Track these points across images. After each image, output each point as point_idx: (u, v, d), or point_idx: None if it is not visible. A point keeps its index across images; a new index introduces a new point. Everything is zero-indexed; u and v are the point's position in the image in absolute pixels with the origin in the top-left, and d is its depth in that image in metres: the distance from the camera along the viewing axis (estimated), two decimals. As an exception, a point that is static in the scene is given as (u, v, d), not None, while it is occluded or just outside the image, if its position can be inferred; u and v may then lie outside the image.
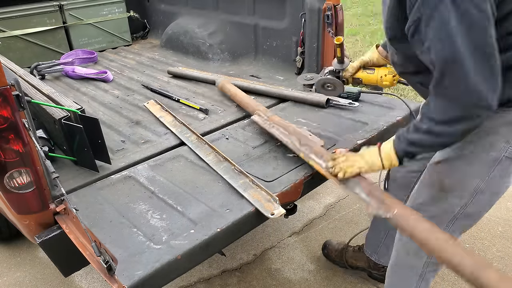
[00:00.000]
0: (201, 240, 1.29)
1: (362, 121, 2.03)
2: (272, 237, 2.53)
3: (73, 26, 3.49)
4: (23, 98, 1.29)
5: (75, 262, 1.48)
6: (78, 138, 1.62)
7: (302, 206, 2.78)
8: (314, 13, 2.42)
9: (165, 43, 3.64)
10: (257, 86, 2.45)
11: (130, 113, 2.31)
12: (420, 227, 1.22)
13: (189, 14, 3.54)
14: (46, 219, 1.45)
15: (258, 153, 1.81)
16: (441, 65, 1.13)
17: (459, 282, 2.16)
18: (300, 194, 1.63)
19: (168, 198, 1.51)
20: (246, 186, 1.53)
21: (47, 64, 3.02)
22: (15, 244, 2.52)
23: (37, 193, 1.39)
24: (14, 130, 1.27)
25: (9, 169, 1.31)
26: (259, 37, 2.98)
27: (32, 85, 1.91)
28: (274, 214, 1.38)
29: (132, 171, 1.70)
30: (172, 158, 1.79)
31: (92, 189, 1.59)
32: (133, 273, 1.16)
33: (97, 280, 2.24)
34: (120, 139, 1.99)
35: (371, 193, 1.39)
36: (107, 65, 3.27)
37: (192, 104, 2.34)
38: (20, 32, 3.21)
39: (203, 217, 1.39)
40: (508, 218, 2.62)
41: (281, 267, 2.30)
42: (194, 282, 2.22)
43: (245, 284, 2.19)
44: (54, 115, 1.65)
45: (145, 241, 1.29)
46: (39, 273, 2.31)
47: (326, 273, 2.25)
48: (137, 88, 2.70)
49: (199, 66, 3.09)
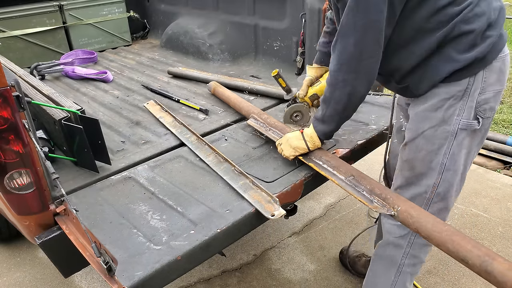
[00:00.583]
0: (201, 240, 1.29)
1: (362, 121, 2.03)
2: (272, 237, 2.53)
3: (73, 26, 3.49)
4: (23, 98, 1.29)
5: (75, 263, 1.48)
6: (78, 138, 1.62)
7: (302, 206, 2.78)
8: (314, 13, 2.42)
9: (165, 43, 3.64)
10: (257, 86, 2.45)
11: (130, 113, 2.31)
12: (424, 221, 1.25)
13: (189, 14, 3.54)
14: (46, 220, 1.45)
15: (258, 153, 1.81)
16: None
17: (459, 282, 2.16)
18: (300, 195, 1.63)
19: (168, 199, 1.51)
20: (246, 187, 1.53)
21: (47, 65, 3.02)
22: (15, 245, 2.52)
23: (37, 194, 1.38)
24: (14, 131, 1.27)
25: (9, 170, 1.31)
26: (259, 38, 2.98)
27: (32, 86, 1.91)
28: (275, 215, 1.38)
29: (132, 172, 1.70)
30: (172, 159, 1.79)
31: (92, 190, 1.59)
32: (133, 274, 1.16)
33: (97, 280, 2.24)
34: (120, 140, 1.99)
35: (373, 191, 1.40)
36: (107, 65, 3.26)
37: (192, 104, 2.34)
38: (20, 32, 3.21)
39: (203, 218, 1.39)
40: (508, 219, 2.62)
41: (281, 268, 2.30)
42: (194, 282, 2.22)
43: (245, 284, 2.19)
44: (54, 115, 1.65)
45: (145, 242, 1.29)
46: (39, 274, 2.31)
47: (326, 273, 2.25)
48: (137, 89, 2.70)
49: (199, 66, 3.09)
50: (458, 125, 1.37)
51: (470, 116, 1.36)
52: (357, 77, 1.39)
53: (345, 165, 1.56)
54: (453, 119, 1.37)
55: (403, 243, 1.61)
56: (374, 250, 1.77)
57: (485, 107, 1.36)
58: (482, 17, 1.28)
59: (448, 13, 1.28)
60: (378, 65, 1.37)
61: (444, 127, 1.39)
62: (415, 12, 1.30)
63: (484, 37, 1.29)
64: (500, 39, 1.33)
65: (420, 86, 1.40)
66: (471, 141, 1.42)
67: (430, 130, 1.41)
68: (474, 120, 1.37)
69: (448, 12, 1.28)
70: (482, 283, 2.14)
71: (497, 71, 1.34)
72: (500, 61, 1.34)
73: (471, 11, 1.27)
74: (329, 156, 1.62)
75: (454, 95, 1.35)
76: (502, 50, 1.34)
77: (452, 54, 1.31)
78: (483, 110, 1.36)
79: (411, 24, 1.33)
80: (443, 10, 1.28)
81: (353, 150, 1.81)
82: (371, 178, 1.47)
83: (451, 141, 1.40)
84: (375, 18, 1.28)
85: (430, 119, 1.40)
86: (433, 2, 1.28)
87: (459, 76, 1.33)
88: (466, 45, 1.30)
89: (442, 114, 1.38)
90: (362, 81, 1.40)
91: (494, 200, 2.81)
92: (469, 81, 1.33)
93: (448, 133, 1.39)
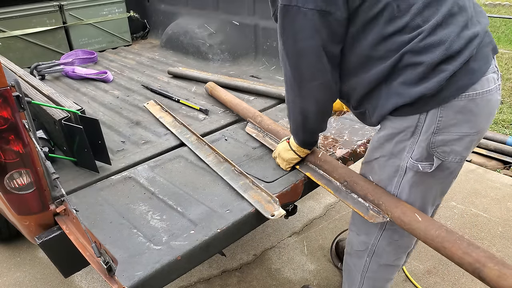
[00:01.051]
0: (201, 240, 1.29)
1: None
2: (272, 237, 2.53)
3: (73, 26, 3.49)
4: (23, 99, 1.29)
5: (75, 263, 1.48)
6: (78, 138, 1.62)
7: (302, 206, 2.78)
8: (314, 13, 2.41)
9: (165, 43, 3.64)
10: (257, 87, 2.45)
11: (130, 113, 2.31)
12: (416, 228, 1.23)
13: (189, 14, 3.54)
14: (46, 220, 1.45)
15: (258, 153, 1.81)
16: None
17: (459, 282, 2.16)
18: (300, 195, 1.63)
19: (168, 199, 1.51)
20: (246, 187, 1.53)
21: (47, 65, 3.02)
22: (15, 245, 2.52)
23: (37, 194, 1.39)
24: (14, 131, 1.27)
25: (9, 170, 1.31)
26: (259, 37, 2.98)
27: (32, 86, 1.91)
28: (275, 215, 1.38)
29: (132, 172, 1.70)
30: (172, 159, 1.79)
31: (92, 190, 1.59)
32: (133, 274, 1.16)
33: (97, 280, 2.24)
34: (120, 140, 1.99)
35: (366, 197, 1.39)
36: (107, 65, 3.26)
37: (192, 104, 2.34)
38: (20, 32, 3.21)
39: (203, 218, 1.39)
40: (508, 218, 2.62)
41: (281, 267, 2.30)
42: (194, 282, 2.22)
43: (245, 284, 2.19)
44: (54, 115, 1.65)
45: (145, 242, 1.29)
46: (39, 273, 2.31)
47: (326, 273, 2.25)
48: (137, 89, 2.70)
49: (199, 66, 3.09)
50: (407, 163, 1.27)
51: (422, 157, 1.23)
52: (302, 100, 1.35)
53: (338, 168, 1.53)
54: (402, 155, 1.27)
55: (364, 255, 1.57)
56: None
57: (444, 149, 1.21)
58: (437, 47, 1.12)
59: (396, 42, 1.16)
60: (327, 86, 1.29)
61: (393, 160, 1.30)
62: (361, 38, 1.20)
63: (436, 70, 1.13)
64: (465, 75, 1.14)
65: (373, 115, 1.31)
66: (428, 179, 1.29)
67: (382, 159, 1.34)
68: (426, 162, 1.24)
69: (396, 41, 1.16)
70: (482, 284, 2.14)
71: (461, 111, 1.16)
72: (467, 100, 1.15)
73: (421, 41, 1.13)
74: (322, 161, 1.58)
75: (404, 130, 1.24)
76: (472, 87, 1.14)
77: (398, 87, 1.19)
78: (443, 152, 1.21)
79: (359, 50, 1.22)
80: (390, 38, 1.16)
81: (353, 152, 1.81)
82: (364, 180, 1.43)
83: (401, 175, 1.31)
84: (305, 45, 1.20)
85: (382, 149, 1.33)
86: (379, 29, 1.17)
87: (407, 111, 1.21)
88: (414, 79, 1.16)
89: (391, 147, 1.29)
90: (309, 102, 1.35)
91: (494, 200, 2.81)
92: (419, 118, 1.20)
93: (398, 167, 1.30)
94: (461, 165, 1.29)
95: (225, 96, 2.29)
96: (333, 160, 1.58)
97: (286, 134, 1.76)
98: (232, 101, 2.20)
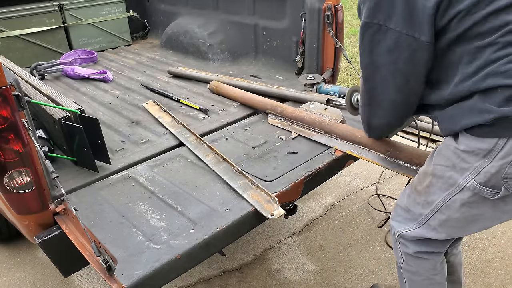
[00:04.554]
0: (201, 239, 1.29)
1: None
2: (272, 237, 2.53)
3: (73, 26, 3.49)
4: (23, 98, 1.29)
5: (74, 262, 1.48)
6: (78, 138, 1.61)
7: (302, 206, 2.78)
8: (314, 13, 2.42)
9: (165, 43, 3.64)
10: (257, 86, 2.44)
11: (130, 113, 2.31)
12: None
13: (189, 14, 3.54)
14: (46, 219, 1.45)
15: (258, 153, 1.81)
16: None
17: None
18: (300, 194, 1.63)
19: (167, 198, 1.51)
20: (245, 187, 1.53)
21: (47, 64, 3.02)
22: (15, 245, 2.51)
23: (37, 193, 1.39)
24: (14, 130, 1.27)
25: (9, 169, 1.31)
26: (259, 37, 2.98)
27: (32, 85, 1.91)
28: (274, 215, 1.38)
29: (132, 171, 1.70)
30: (172, 158, 1.79)
31: (91, 189, 1.59)
32: (133, 273, 1.16)
33: (96, 280, 2.24)
34: (120, 139, 1.99)
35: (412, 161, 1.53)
36: (107, 65, 3.26)
37: (192, 104, 2.34)
38: (20, 32, 3.21)
39: (203, 217, 1.39)
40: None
41: (281, 268, 2.29)
42: (194, 282, 2.21)
43: (245, 285, 2.19)
44: (54, 115, 1.65)
45: (145, 241, 1.29)
46: (39, 273, 2.31)
47: (326, 273, 2.25)
48: (137, 88, 2.70)
49: (199, 66, 3.09)
50: (467, 183, 1.17)
51: (487, 182, 1.13)
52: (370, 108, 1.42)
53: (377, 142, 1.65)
54: (464, 174, 1.18)
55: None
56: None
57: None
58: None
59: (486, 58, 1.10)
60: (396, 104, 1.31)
61: (452, 174, 1.21)
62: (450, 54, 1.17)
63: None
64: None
65: (442, 126, 1.25)
66: (485, 207, 1.19)
67: (441, 167, 1.25)
68: (491, 189, 1.13)
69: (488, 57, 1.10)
70: (482, 283, 2.13)
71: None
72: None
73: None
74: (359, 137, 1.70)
75: (475, 151, 1.13)
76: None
77: (481, 104, 1.09)
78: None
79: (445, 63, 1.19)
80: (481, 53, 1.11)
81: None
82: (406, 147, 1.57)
83: (455, 191, 1.21)
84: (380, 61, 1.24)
85: (447, 158, 1.23)
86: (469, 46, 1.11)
87: (485, 133, 1.10)
88: (500, 100, 1.06)
89: (456, 161, 1.19)
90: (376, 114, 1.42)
91: (494, 200, 2.80)
92: (497, 142, 1.08)
93: (455, 182, 1.21)
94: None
95: (233, 92, 2.29)
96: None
97: (312, 119, 1.84)
98: (244, 96, 2.21)
